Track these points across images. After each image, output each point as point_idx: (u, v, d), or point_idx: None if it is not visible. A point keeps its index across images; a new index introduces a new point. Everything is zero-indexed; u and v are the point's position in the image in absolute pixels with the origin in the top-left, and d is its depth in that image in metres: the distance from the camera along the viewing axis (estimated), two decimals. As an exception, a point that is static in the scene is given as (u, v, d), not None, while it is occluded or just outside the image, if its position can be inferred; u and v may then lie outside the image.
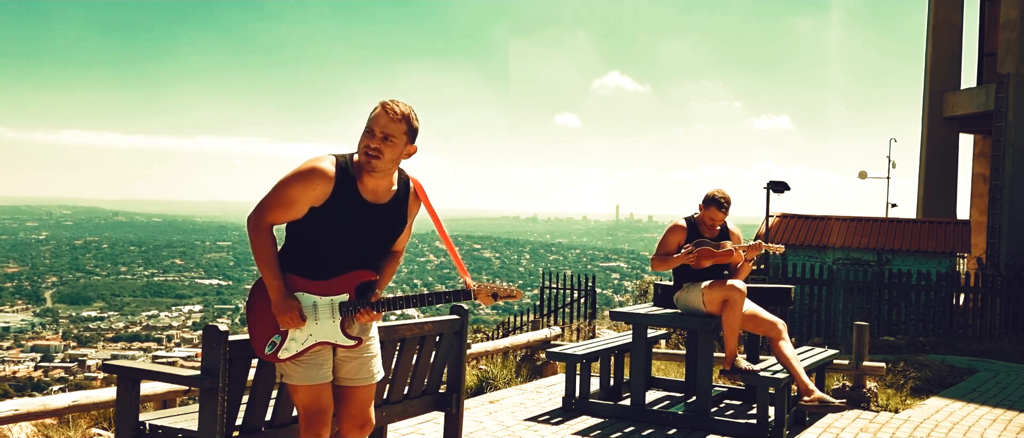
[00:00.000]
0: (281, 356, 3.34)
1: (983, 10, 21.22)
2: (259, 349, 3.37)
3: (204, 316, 55.31)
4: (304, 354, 3.36)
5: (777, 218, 17.57)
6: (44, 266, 67.21)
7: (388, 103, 3.28)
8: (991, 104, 18.32)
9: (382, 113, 3.26)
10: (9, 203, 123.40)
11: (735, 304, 5.97)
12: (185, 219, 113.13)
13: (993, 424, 6.79)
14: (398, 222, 3.44)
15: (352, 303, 3.36)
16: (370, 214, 3.34)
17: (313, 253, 3.34)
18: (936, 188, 20.75)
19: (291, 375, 3.37)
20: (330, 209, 3.27)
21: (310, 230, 3.32)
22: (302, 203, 3.27)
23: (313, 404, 3.38)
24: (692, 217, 6.29)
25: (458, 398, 4.60)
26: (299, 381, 3.36)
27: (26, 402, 4.95)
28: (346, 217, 3.30)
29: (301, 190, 3.26)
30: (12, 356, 45.87)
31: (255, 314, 3.38)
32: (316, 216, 3.28)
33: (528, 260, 73.20)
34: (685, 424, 6.20)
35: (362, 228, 3.34)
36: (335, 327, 3.37)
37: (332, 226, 3.30)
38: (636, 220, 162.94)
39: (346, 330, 3.39)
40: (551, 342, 8.81)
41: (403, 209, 3.44)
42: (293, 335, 3.34)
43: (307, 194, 3.26)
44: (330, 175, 3.26)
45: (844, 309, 15.41)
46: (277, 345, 3.35)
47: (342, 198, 3.28)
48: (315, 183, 3.25)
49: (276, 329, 3.34)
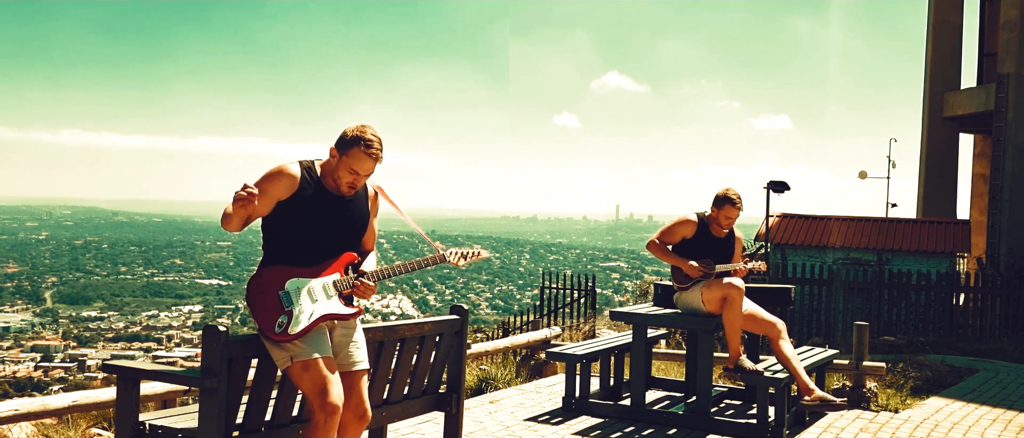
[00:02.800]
0: (291, 331, 3.51)
1: (983, 10, 21.22)
2: (269, 331, 3.52)
3: (204, 316, 55.31)
4: (311, 329, 3.54)
5: (777, 218, 17.56)
6: (44, 266, 67.19)
7: (374, 151, 3.57)
8: (991, 104, 18.32)
9: (366, 159, 3.57)
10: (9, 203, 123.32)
11: (734, 302, 5.97)
12: (185, 219, 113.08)
13: (993, 424, 6.79)
14: (362, 218, 3.76)
15: (346, 278, 3.65)
16: (335, 204, 3.65)
17: (294, 246, 3.59)
18: (936, 188, 20.75)
19: (300, 352, 3.52)
20: (297, 200, 3.57)
21: (284, 225, 3.58)
22: (266, 196, 3.52)
23: (321, 380, 3.51)
24: (705, 215, 6.27)
25: (458, 398, 4.60)
26: (306, 356, 3.51)
27: (26, 402, 4.95)
28: (314, 207, 3.60)
29: (265, 183, 3.54)
30: (12, 356, 45.90)
31: (256, 303, 3.57)
32: (286, 208, 3.57)
33: (528, 260, 73.18)
34: (685, 424, 6.20)
35: (331, 217, 3.64)
36: (334, 300, 3.62)
37: (303, 216, 3.58)
38: (636, 220, 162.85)
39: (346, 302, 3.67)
40: (551, 342, 8.81)
41: (364, 206, 3.77)
42: (297, 313, 3.53)
43: (271, 187, 3.54)
44: (293, 172, 3.59)
45: (844, 309, 15.42)
46: (285, 324, 3.52)
47: (307, 190, 3.60)
48: (279, 178, 3.56)
49: (280, 310, 3.53)
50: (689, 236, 6.20)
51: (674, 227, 6.24)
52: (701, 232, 6.20)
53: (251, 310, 3.57)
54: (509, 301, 58.78)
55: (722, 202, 6.11)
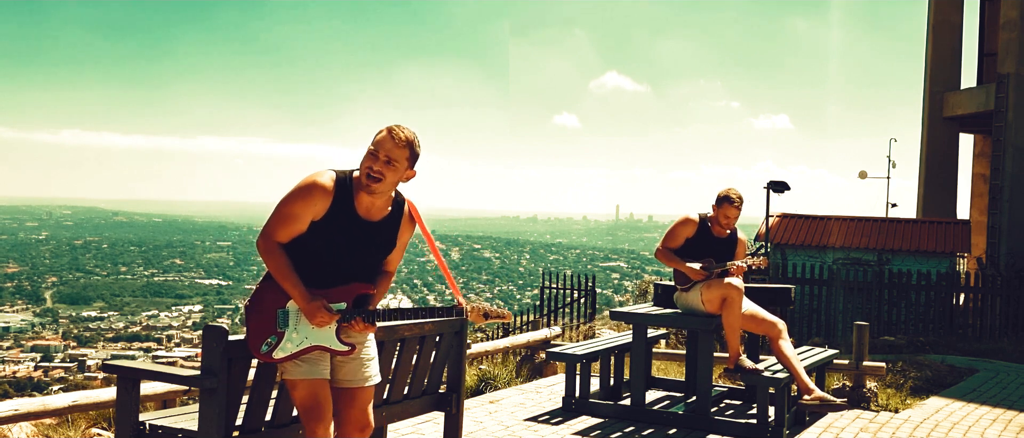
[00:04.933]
0: (276, 356, 3.41)
1: (983, 10, 21.22)
2: (255, 349, 3.43)
3: (204, 316, 55.29)
4: (299, 356, 3.44)
5: (777, 218, 17.56)
6: (44, 266, 67.16)
7: (394, 128, 3.40)
8: (991, 104, 18.32)
9: (387, 138, 3.39)
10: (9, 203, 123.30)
11: (734, 302, 5.97)
12: (185, 219, 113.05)
13: (993, 424, 6.79)
14: (389, 243, 3.56)
15: (349, 311, 3.44)
16: (363, 230, 3.47)
17: (308, 265, 3.44)
18: (936, 188, 20.75)
19: (290, 371, 3.45)
20: (327, 223, 3.40)
21: (307, 243, 3.42)
22: (305, 218, 3.39)
23: (310, 400, 3.45)
24: (706, 215, 6.27)
25: (458, 398, 4.60)
26: (296, 376, 3.43)
27: (26, 402, 4.95)
28: (341, 232, 3.42)
29: (302, 205, 3.38)
30: (12, 356, 45.87)
31: (252, 316, 3.45)
32: (314, 229, 3.40)
33: (528, 260, 73.17)
34: (685, 424, 6.20)
35: (355, 244, 3.46)
36: (330, 333, 3.47)
37: (327, 239, 3.41)
38: (636, 220, 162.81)
39: (341, 337, 3.49)
40: (551, 342, 8.81)
41: (395, 230, 3.56)
42: (289, 336, 3.41)
43: (308, 209, 3.39)
44: (329, 189, 3.39)
45: (844, 309, 15.41)
46: (272, 345, 3.42)
47: (338, 213, 3.41)
48: (315, 197, 3.38)
49: (272, 330, 3.42)
50: (691, 236, 6.20)
51: (675, 229, 6.25)
52: (702, 232, 6.21)
53: (246, 319, 3.46)
54: (509, 301, 58.77)
55: (722, 201, 6.13)
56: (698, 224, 6.21)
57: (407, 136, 3.40)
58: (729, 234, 6.26)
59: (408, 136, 3.40)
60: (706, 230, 6.22)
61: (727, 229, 6.23)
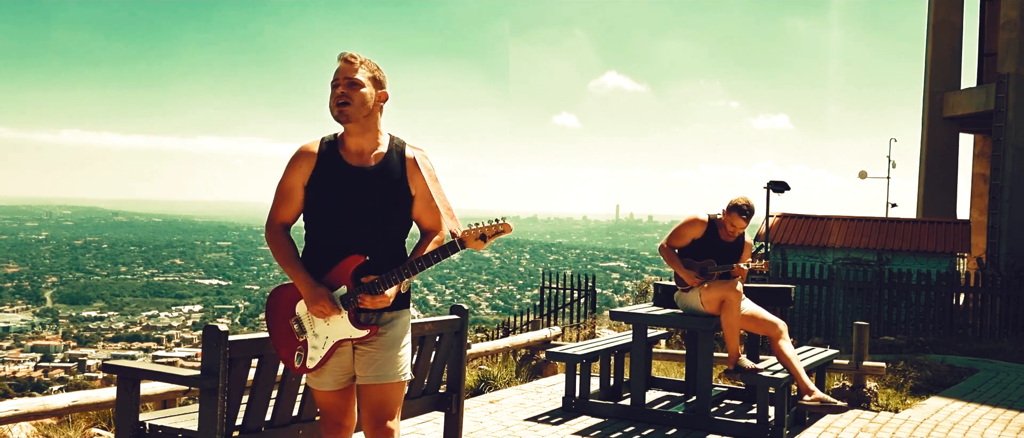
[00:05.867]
0: (309, 366, 3.30)
1: (983, 10, 21.22)
2: (290, 365, 3.34)
3: (204, 316, 55.26)
4: (330, 358, 3.30)
5: (777, 218, 17.57)
6: (44, 266, 67.16)
7: (346, 53, 3.29)
8: (991, 104, 18.32)
9: (342, 64, 3.28)
10: (9, 203, 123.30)
11: (732, 304, 5.97)
12: (185, 219, 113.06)
13: (993, 424, 6.79)
14: (396, 189, 3.30)
15: (351, 293, 3.25)
16: (358, 178, 3.27)
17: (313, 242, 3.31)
18: (936, 188, 20.75)
19: (311, 381, 3.38)
20: (317, 180, 3.29)
21: (309, 215, 3.32)
22: (298, 186, 3.32)
23: (325, 407, 3.41)
24: (715, 217, 6.27)
25: (458, 398, 4.60)
26: (315, 387, 3.37)
27: (26, 402, 4.95)
28: (333, 183, 3.27)
29: (292, 175, 3.31)
30: (12, 356, 45.86)
31: (274, 330, 3.35)
32: (308, 193, 3.30)
33: (528, 260, 73.14)
34: (685, 424, 6.20)
35: (352, 194, 3.27)
36: (345, 322, 3.26)
37: (322, 197, 3.27)
38: (636, 220, 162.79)
39: (355, 322, 3.28)
40: (551, 342, 8.81)
41: (398, 175, 3.31)
42: (313, 344, 3.29)
43: (298, 176, 3.31)
44: (313, 151, 3.32)
45: (844, 309, 15.41)
46: (303, 357, 3.30)
47: (327, 166, 3.29)
48: (301, 162, 3.31)
49: (295, 341, 3.31)
50: (698, 237, 6.21)
51: (683, 228, 6.25)
52: (710, 234, 6.22)
53: (271, 338, 3.37)
54: (509, 301, 58.74)
55: (732, 210, 6.15)
56: (706, 226, 6.22)
57: (361, 58, 3.30)
58: (736, 239, 6.27)
59: (362, 58, 3.30)
60: (714, 232, 6.22)
61: (736, 234, 6.25)
